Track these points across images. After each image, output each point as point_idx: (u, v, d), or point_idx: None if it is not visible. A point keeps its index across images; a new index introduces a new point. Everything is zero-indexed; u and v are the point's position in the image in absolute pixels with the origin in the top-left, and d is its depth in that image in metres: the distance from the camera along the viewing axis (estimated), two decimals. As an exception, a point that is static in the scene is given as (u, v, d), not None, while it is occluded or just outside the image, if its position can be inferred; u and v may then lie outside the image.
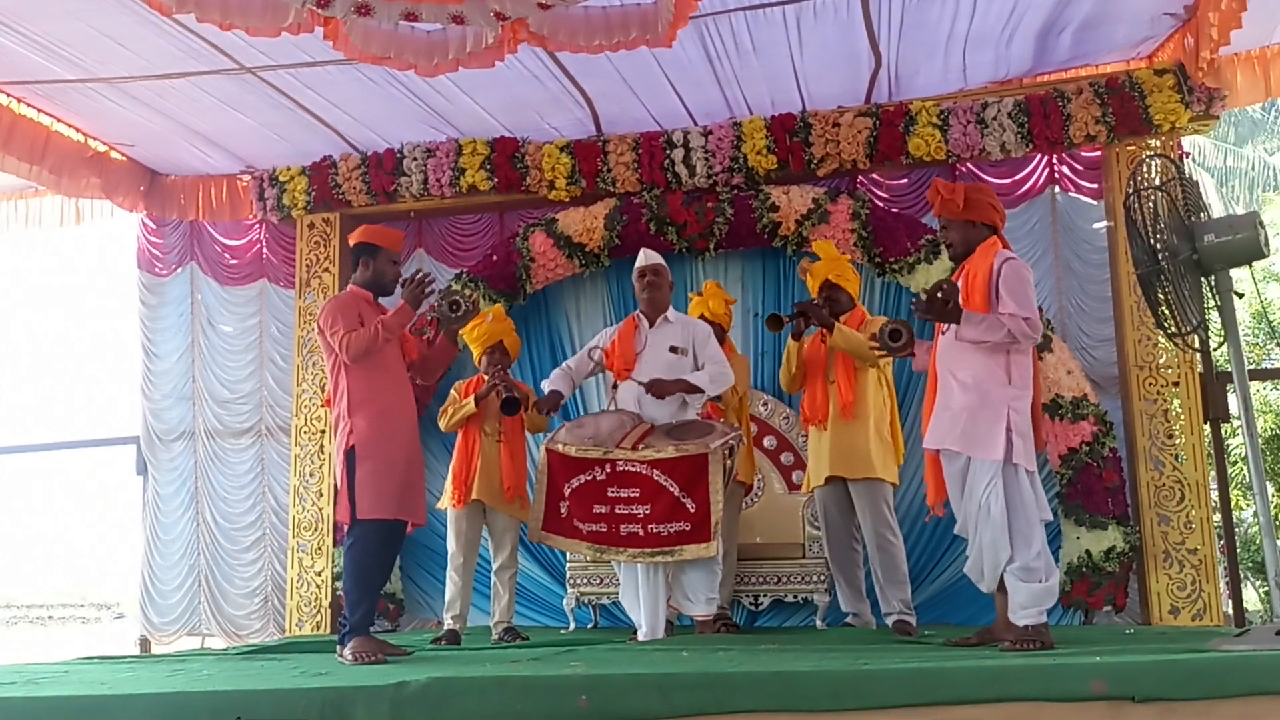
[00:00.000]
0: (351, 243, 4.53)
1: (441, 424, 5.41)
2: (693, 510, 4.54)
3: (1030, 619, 3.81)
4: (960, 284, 4.08)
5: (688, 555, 4.56)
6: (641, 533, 4.58)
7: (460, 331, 4.73)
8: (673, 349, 4.92)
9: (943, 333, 4.10)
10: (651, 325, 5.03)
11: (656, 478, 4.58)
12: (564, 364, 5.22)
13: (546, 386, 5.06)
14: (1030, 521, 3.85)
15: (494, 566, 5.39)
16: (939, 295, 3.94)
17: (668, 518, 4.55)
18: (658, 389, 4.78)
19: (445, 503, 5.41)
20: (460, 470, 5.30)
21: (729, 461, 4.71)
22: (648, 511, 4.57)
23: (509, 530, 5.36)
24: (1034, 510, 3.89)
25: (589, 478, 4.68)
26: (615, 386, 5.00)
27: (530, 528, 4.83)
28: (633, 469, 4.63)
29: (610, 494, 4.64)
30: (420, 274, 4.37)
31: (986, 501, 3.86)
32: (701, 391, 4.84)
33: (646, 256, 5.18)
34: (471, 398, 5.29)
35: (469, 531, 5.35)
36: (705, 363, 4.91)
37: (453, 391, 5.49)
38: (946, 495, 4.11)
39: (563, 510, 4.72)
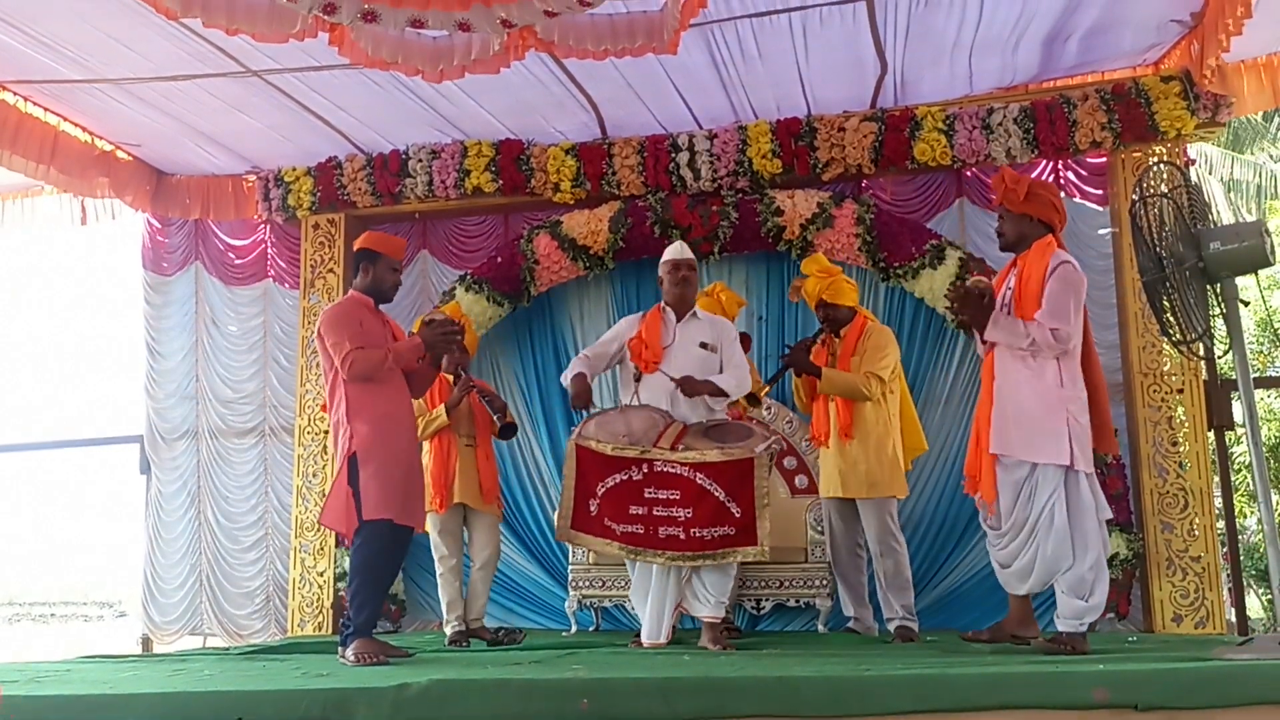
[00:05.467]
0: (355, 249, 4.53)
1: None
2: (738, 515, 4.37)
3: (1070, 628, 3.86)
4: (1013, 282, 4.09)
5: (732, 559, 4.44)
6: (682, 535, 4.41)
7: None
8: (703, 345, 4.78)
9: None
10: (679, 319, 4.88)
11: (700, 481, 4.41)
12: (583, 353, 5.03)
13: (570, 375, 4.84)
14: (1090, 529, 3.87)
15: (475, 566, 5.43)
16: (975, 292, 4.01)
17: (712, 521, 4.39)
18: (689, 387, 4.64)
19: (427, 508, 5.40)
20: (439, 475, 5.28)
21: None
22: (689, 515, 4.40)
23: (490, 530, 5.42)
24: (1093, 516, 3.90)
25: (624, 477, 4.50)
26: (638, 379, 4.80)
27: (558, 526, 4.66)
28: (673, 470, 4.45)
29: (648, 495, 4.45)
30: (448, 320, 4.39)
31: (1050, 510, 3.87)
32: (726, 395, 4.74)
33: (681, 250, 5.00)
34: (442, 408, 5.28)
35: (455, 533, 5.42)
36: (727, 366, 4.80)
37: (422, 399, 5.35)
38: (980, 489, 4.09)
39: (592, 508, 4.54)
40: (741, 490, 4.38)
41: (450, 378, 5.35)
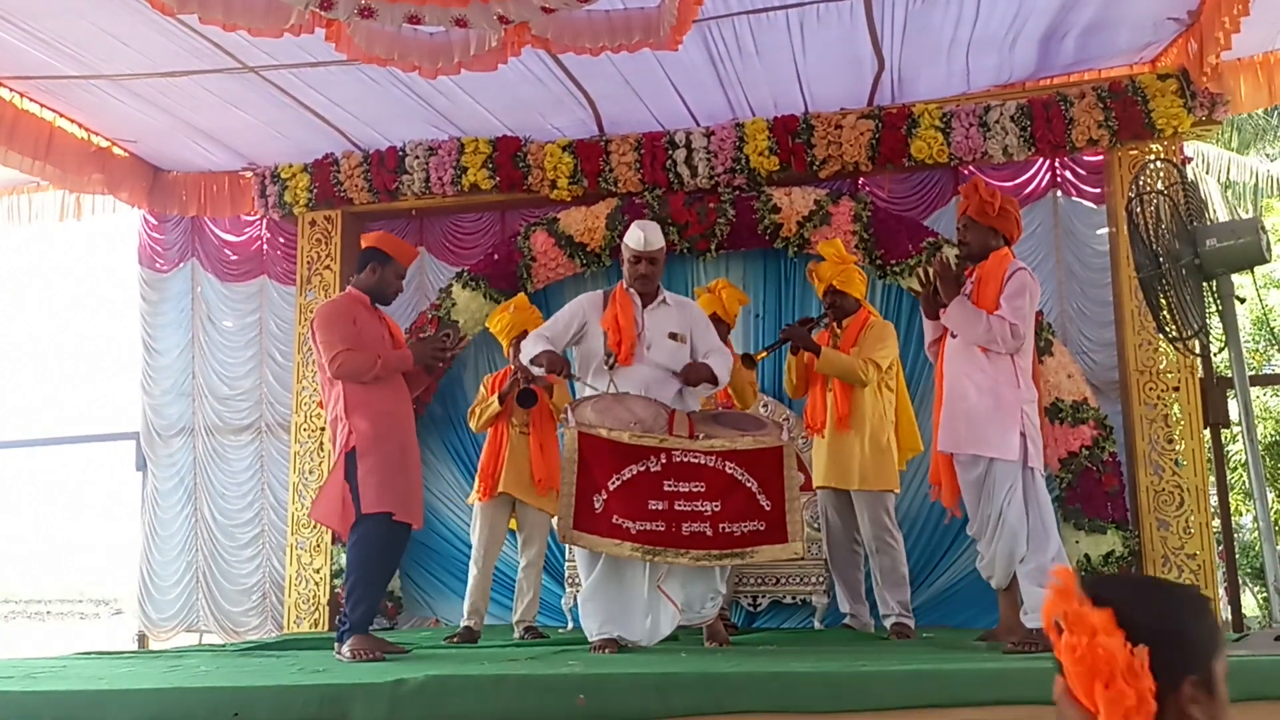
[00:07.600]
0: (364, 245, 4.48)
1: (472, 424, 5.37)
2: (768, 508, 4.06)
3: (1039, 622, 3.85)
4: (970, 289, 4.13)
5: (761, 557, 4.15)
6: (709, 532, 4.03)
7: (487, 323, 4.62)
8: (672, 335, 4.43)
9: (952, 336, 4.13)
10: (645, 305, 4.49)
11: (730, 470, 4.08)
12: (539, 332, 4.55)
13: (534, 351, 4.36)
14: (1046, 525, 3.90)
15: (521, 564, 5.38)
16: (953, 269, 4.09)
17: (742, 515, 4.06)
18: (693, 375, 4.31)
19: (473, 497, 5.39)
20: (488, 464, 5.27)
21: None
22: (717, 508, 4.04)
23: (539, 526, 5.33)
24: (1049, 512, 3.94)
25: (641, 469, 4.08)
26: (612, 367, 4.35)
27: (560, 527, 4.15)
28: (694, 460, 4.08)
29: (668, 488, 4.05)
30: (446, 336, 4.36)
31: (1004, 506, 3.89)
32: (718, 383, 4.45)
33: (648, 241, 4.44)
34: (495, 397, 5.26)
35: (495, 525, 5.33)
36: (710, 352, 4.44)
37: (481, 388, 5.46)
38: (958, 494, 4.15)
39: (597, 505, 4.08)
40: (772, 482, 4.10)
41: (513, 367, 5.24)
